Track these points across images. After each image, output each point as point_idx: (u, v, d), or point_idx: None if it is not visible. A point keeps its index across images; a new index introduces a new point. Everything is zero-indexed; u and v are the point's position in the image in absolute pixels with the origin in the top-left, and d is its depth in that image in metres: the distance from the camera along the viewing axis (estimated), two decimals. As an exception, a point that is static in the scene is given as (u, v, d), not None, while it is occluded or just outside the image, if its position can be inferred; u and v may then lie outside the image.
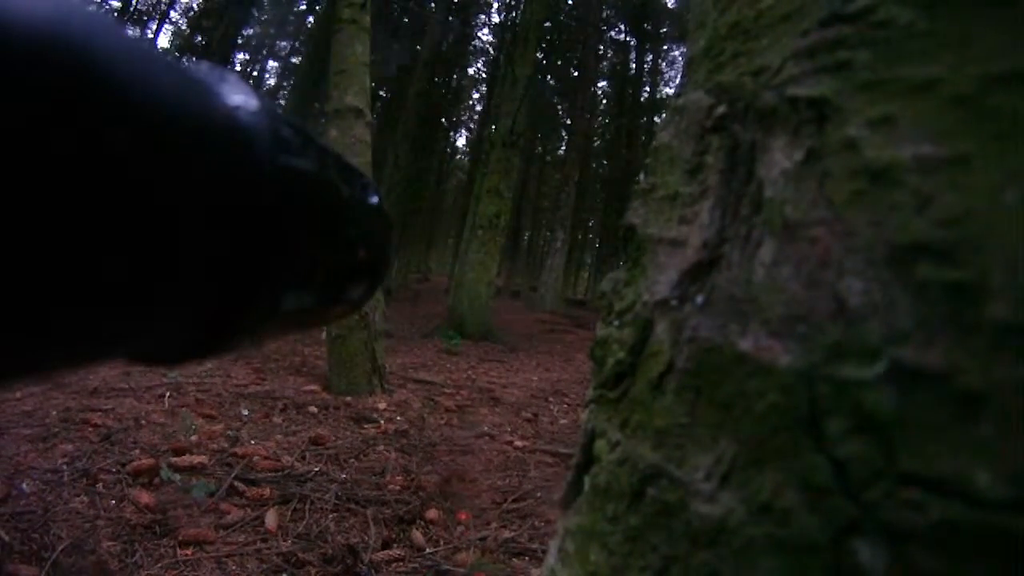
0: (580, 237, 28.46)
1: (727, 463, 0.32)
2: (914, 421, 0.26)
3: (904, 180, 0.28)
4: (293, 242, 0.27)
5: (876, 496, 0.26)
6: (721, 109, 0.40)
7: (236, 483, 2.87)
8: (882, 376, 0.27)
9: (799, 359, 0.30)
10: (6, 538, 2.06)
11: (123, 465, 2.81)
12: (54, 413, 3.29)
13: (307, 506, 2.77)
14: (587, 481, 0.44)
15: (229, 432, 3.56)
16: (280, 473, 3.09)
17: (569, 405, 5.82)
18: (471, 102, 32.39)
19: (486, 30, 28.88)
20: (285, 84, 27.71)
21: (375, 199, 0.37)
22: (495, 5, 26.98)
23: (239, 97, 0.25)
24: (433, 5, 20.95)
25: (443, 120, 27.28)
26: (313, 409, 4.28)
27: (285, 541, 2.45)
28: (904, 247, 0.27)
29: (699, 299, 0.37)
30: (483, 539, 2.71)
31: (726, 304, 0.35)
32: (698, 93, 0.43)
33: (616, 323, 0.45)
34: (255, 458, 3.20)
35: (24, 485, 2.46)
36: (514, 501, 3.17)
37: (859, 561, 0.27)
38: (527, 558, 2.60)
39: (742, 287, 0.34)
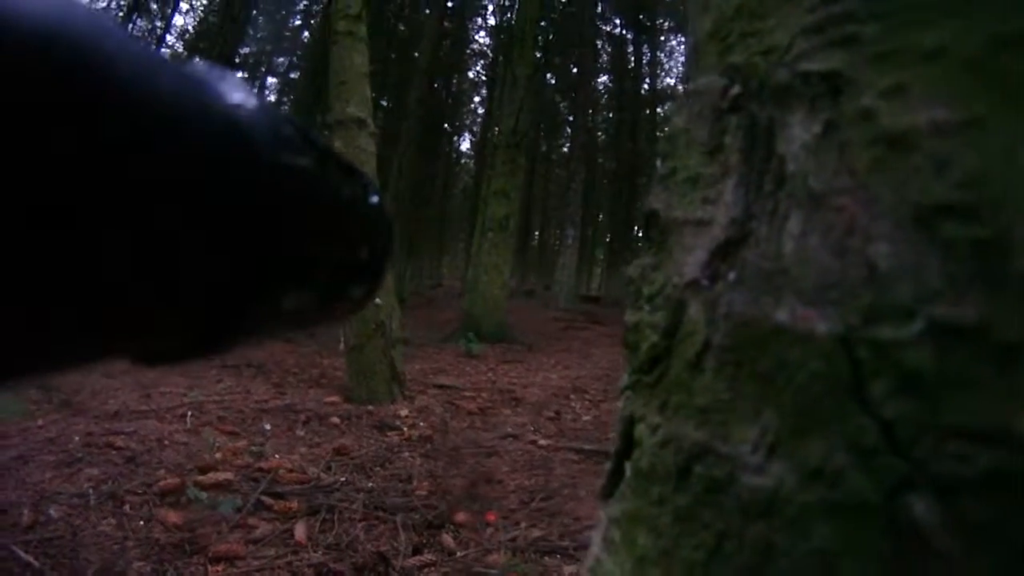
0: (591, 233, 28.39)
1: (773, 434, 0.33)
2: (955, 375, 0.26)
3: (921, 144, 0.29)
4: (293, 241, 0.27)
5: (925, 451, 0.27)
6: (735, 89, 0.40)
7: (263, 497, 2.88)
8: (920, 334, 0.27)
9: (837, 325, 0.30)
10: (36, 564, 2.07)
11: (149, 486, 2.83)
12: (77, 438, 3.31)
13: (335, 516, 2.78)
14: (628, 467, 0.44)
15: (253, 447, 3.57)
16: (306, 485, 3.10)
17: (591, 402, 5.81)
18: (472, 105, 32.44)
19: (483, 33, 28.96)
20: (285, 100, 27.81)
21: (375, 198, 0.37)
22: (490, 8, 27.03)
23: (238, 95, 0.25)
24: (428, 11, 20.97)
25: (446, 125, 27.33)
26: (335, 420, 4.29)
27: (315, 552, 2.45)
28: (928, 208, 0.28)
29: (731, 276, 0.37)
30: (513, 539, 2.70)
31: (758, 278, 0.35)
32: (710, 76, 0.43)
33: (647, 308, 0.45)
34: (280, 471, 3.21)
35: (51, 511, 2.48)
36: (541, 500, 3.17)
37: (914, 516, 0.27)
38: (558, 556, 2.60)
39: (773, 260, 0.35)
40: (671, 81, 28.84)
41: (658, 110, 27.02)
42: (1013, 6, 0.28)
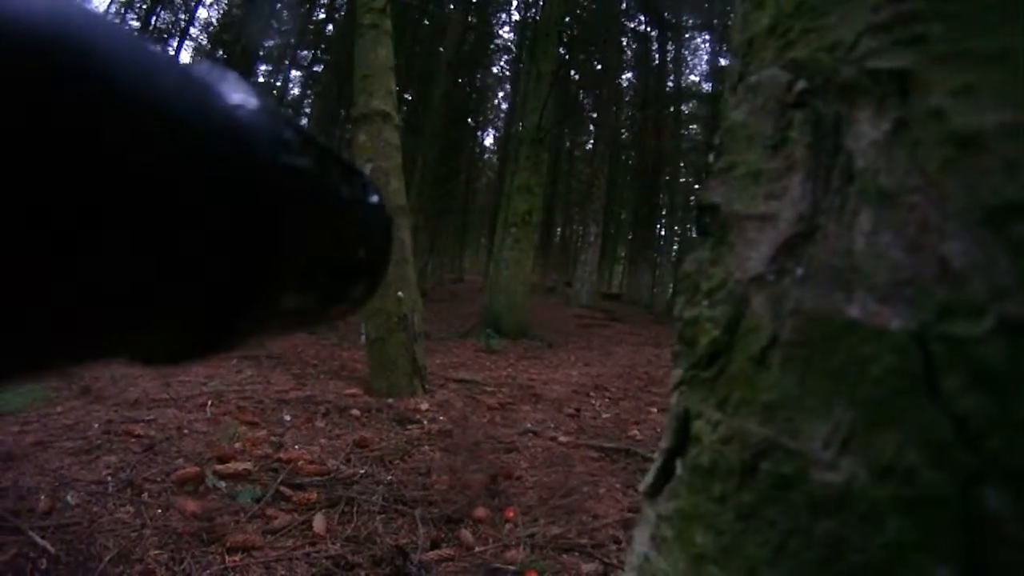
0: (613, 230, 28.39)
1: (845, 429, 0.33)
2: None
3: (991, 146, 0.30)
4: (293, 241, 0.28)
5: (997, 445, 0.27)
6: (801, 84, 0.41)
7: (282, 488, 2.88)
8: (991, 331, 0.28)
9: (910, 321, 0.31)
10: (52, 550, 2.07)
11: (167, 474, 2.83)
12: (96, 426, 3.33)
13: (354, 509, 2.77)
14: (681, 465, 0.44)
15: (272, 438, 3.58)
16: (326, 477, 3.10)
17: (611, 399, 5.80)
18: (496, 101, 32.50)
19: (507, 28, 28.97)
20: (309, 93, 27.98)
21: (375, 198, 0.37)
22: (515, 3, 27.03)
23: (239, 96, 0.25)
24: (452, 6, 21.02)
25: (469, 120, 27.41)
26: (355, 412, 4.29)
27: (334, 544, 2.44)
28: (998, 208, 0.29)
29: (798, 271, 0.37)
30: (532, 536, 2.69)
31: (828, 274, 0.35)
32: (772, 70, 0.44)
33: (706, 302, 0.45)
34: (300, 463, 3.21)
35: (69, 497, 2.49)
36: (561, 497, 3.15)
37: (987, 509, 0.28)
38: (576, 553, 2.58)
39: (842, 257, 0.35)
40: (695, 79, 28.83)
41: (682, 107, 27.00)
42: None
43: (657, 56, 27.10)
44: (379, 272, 0.38)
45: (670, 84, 27.28)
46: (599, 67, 23.33)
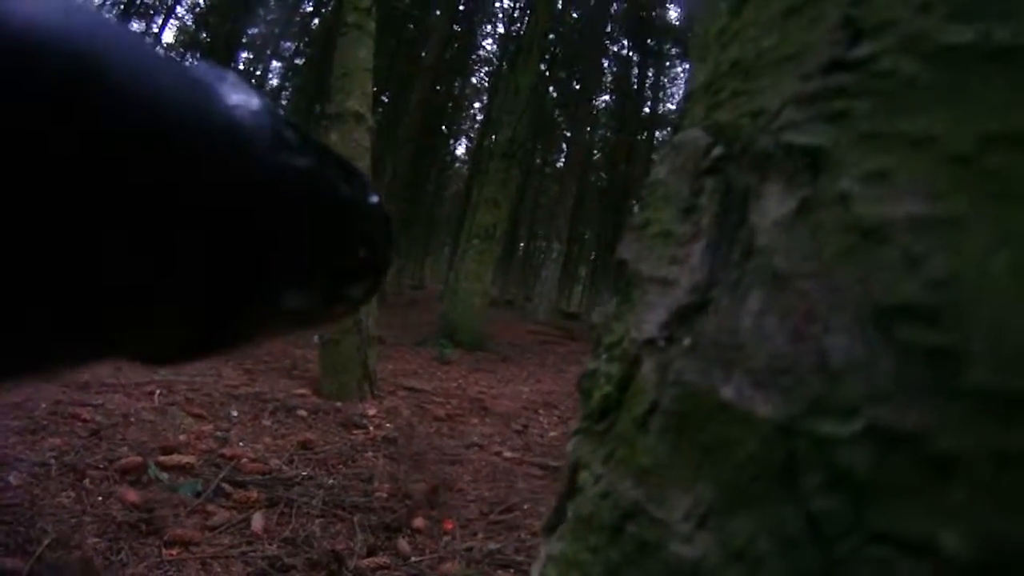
0: (576, 249, 28.40)
1: (705, 506, 0.32)
2: (887, 481, 0.26)
3: (895, 239, 0.28)
4: (293, 241, 0.27)
5: (846, 551, 0.26)
6: (717, 150, 0.39)
7: (223, 485, 2.86)
8: (858, 434, 0.27)
9: (779, 411, 0.30)
10: (-9, 531, 2.05)
11: (111, 462, 2.81)
12: (43, 405, 3.27)
13: (294, 510, 2.77)
14: (570, 510, 0.43)
15: (218, 433, 3.56)
16: (267, 476, 3.09)
17: (559, 418, 5.80)
18: (472, 111, 32.42)
19: (490, 40, 28.97)
20: (288, 85, 27.67)
21: (375, 198, 0.37)
22: (500, 15, 27.06)
23: (239, 96, 0.25)
24: (438, 12, 20.97)
25: (444, 128, 27.29)
26: (303, 412, 4.27)
27: (271, 545, 2.44)
28: (890, 308, 0.27)
29: (686, 342, 0.36)
30: (469, 549, 2.71)
31: (712, 349, 0.34)
32: (695, 131, 0.42)
33: (604, 357, 0.44)
34: (243, 460, 3.19)
35: (11, 477, 2.46)
36: (501, 512, 3.17)
37: None
38: (512, 570, 2.60)
39: (728, 334, 0.33)
40: (671, 107, 28.97)
41: (656, 134, 27.11)
42: (1011, 103, 0.27)
43: (636, 81, 27.29)
44: (380, 272, 0.38)
45: (647, 109, 27.49)
46: (577, 87, 23.40)
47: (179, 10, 24.90)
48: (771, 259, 0.32)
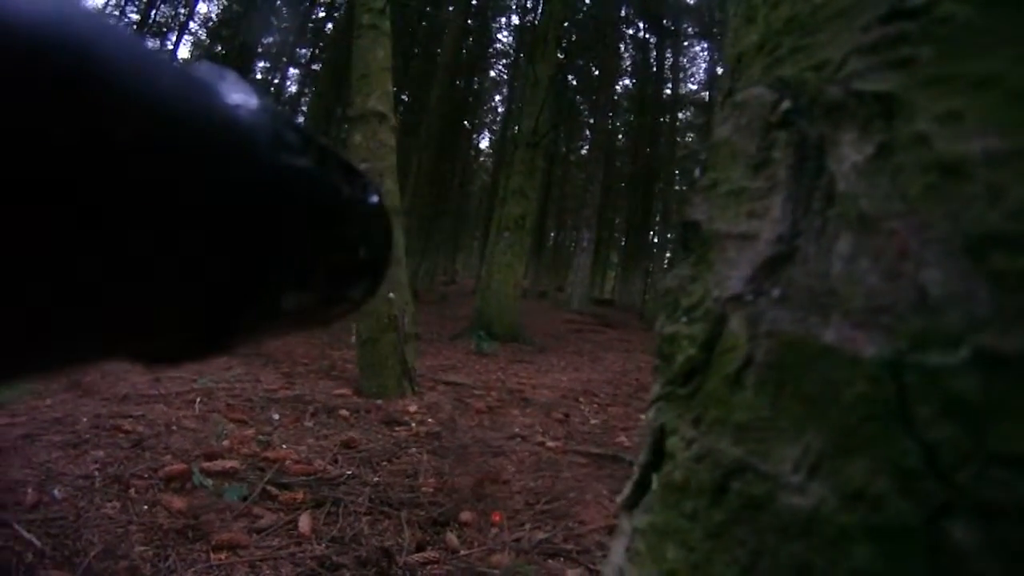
0: (606, 236, 28.39)
1: (815, 454, 0.33)
2: (999, 404, 0.27)
3: (975, 173, 0.29)
4: (293, 242, 0.28)
5: (967, 477, 0.27)
6: (786, 104, 0.40)
7: (268, 487, 2.87)
8: (966, 362, 0.28)
9: (885, 349, 0.30)
10: (38, 544, 2.07)
11: (155, 471, 2.82)
12: (84, 420, 3.31)
13: (340, 509, 2.77)
14: (656, 479, 0.44)
15: (260, 437, 3.58)
16: (312, 477, 3.09)
17: (599, 405, 5.80)
18: (493, 104, 32.50)
19: (505, 32, 28.99)
20: (306, 91, 27.93)
21: (375, 198, 0.37)
22: (513, 7, 27.06)
23: (239, 96, 0.25)
24: (452, 8, 21.02)
25: (465, 123, 27.40)
26: (344, 412, 4.29)
27: (319, 545, 2.44)
28: (979, 238, 0.28)
29: (776, 293, 0.37)
30: (517, 541, 2.69)
31: (805, 297, 0.35)
32: (759, 88, 0.43)
33: (685, 319, 0.45)
34: (287, 462, 3.20)
35: (56, 491, 2.48)
36: (547, 502, 3.15)
37: (954, 541, 0.27)
38: (562, 559, 2.58)
39: (820, 280, 0.34)
40: (693, 87, 28.88)
41: (679, 115, 27.02)
42: None
43: (655, 63, 27.16)
44: (380, 272, 0.38)
45: (667, 91, 27.35)
46: (596, 73, 23.35)
47: (192, 25, 25.25)
48: (855, 203, 0.34)
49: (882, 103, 0.33)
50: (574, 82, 25.35)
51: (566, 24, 15.51)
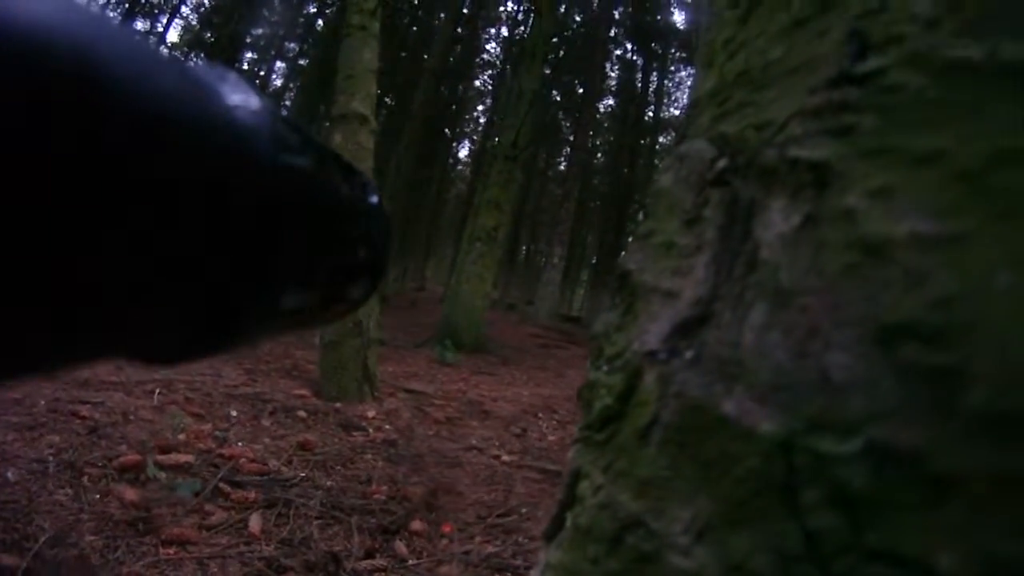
0: (578, 253, 28.42)
1: (704, 520, 0.32)
2: (885, 498, 0.26)
3: (899, 256, 0.27)
4: (293, 242, 0.27)
5: (843, 569, 0.26)
6: (723, 162, 0.39)
7: (221, 484, 2.86)
8: (858, 452, 0.27)
9: (780, 427, 0.30)
10: (-12, 527, 2.05)
11: (109, 460, 2.80)
12: (42, 403, 3.26)
13: (291, 511, 2.76)
14: (570, 519, 0.43)
15: (217, 432, 3.56)
16: (266, 477, 3.08)
17: (558, 422, 5.79)
18: (475, 114, 32.47)
19: (494, 43, 29.03)
20: (292, 86, 27.73)
21: (375, 198, 0.37)
22: (503, 19, 27.11)
23: (239, 96, 0.25)
24: (442, 16, 21.01)
25: (446, 130, 27.33)
26: (302, 414, 4.26)
27: (268, 546, 2.44)
28: (892, 327, 0.27)
29: (688, 354, 0.36)
30: (467, 553, 2.70)
31: (714, 363, 0.34)
32: (701, 142, 0.42)
33: (605, 368, 0.44)
34: (241, 460, 3.19)
35: (9, 474, 2.46)
36: (499, 516, 3.16)
37: None
38: (509, 574, 2.59)
39: (731, 348, 0.33)
40: (676, 112, 28.97)
41: (659, 138, 27.12)
42: (1021, 120, 0.26)
43: (640, 84, 27.31)
44: (379, 272, 0.38)
45: (650, 114, 27.50)
46: (581, 90, 23.42)
47: (184, 10, 24.99)
48: (774, 274, 0.32)
49: (815, 172, 0.32)
50: (557, 97, 25.42)
51: (554, 39, 15.57)
